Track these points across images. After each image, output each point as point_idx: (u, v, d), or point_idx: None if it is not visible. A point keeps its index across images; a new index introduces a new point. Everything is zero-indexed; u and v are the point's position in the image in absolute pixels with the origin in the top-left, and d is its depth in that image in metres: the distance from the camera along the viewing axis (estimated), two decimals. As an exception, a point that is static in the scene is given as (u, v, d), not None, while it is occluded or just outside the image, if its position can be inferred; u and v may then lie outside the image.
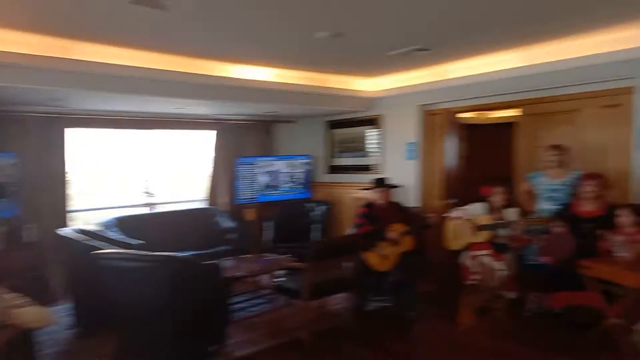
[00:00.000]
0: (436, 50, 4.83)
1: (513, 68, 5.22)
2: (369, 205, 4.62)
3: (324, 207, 6.58)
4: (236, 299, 4.88)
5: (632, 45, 4.37)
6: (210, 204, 6.92)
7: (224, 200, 7.01)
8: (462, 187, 7.14)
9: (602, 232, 3.88)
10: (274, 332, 4.18)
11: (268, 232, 6.41)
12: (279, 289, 4.28)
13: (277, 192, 7.14)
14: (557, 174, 4.44)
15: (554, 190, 4.40)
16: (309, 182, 7.39)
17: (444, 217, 4.89)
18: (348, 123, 7.29)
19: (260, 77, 5.57)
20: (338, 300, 4.86)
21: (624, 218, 3.79)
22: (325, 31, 3.99)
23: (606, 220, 3.91)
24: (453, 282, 5.43)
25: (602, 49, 4.56)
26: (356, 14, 3.59)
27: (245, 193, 6.84)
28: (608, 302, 3.57)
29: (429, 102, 6.33)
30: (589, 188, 4.05)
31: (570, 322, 3.94)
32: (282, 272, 4.99)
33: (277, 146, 7.71)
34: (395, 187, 4.65)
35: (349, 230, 5.28)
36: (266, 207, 6.92)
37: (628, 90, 4.68)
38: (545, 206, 4.46)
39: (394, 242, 4.43)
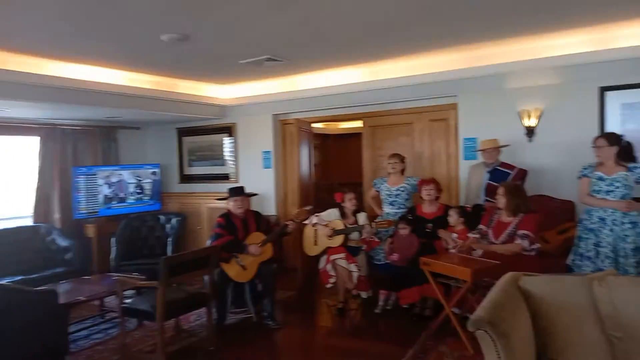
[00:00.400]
0: (288, 62, 4.94)
1: (356, 83, 5.64)
2: (227, 215, 4.47)
3: (177, 219, 6.19)
4: (78, 326, 4.37)
5: (455, 67, 5.06)
6: (40, 221, 5.96)
7: (57, 216, 6.10)
8: (317, 194, 7.42)
9: (440, 231, 4.38)
10: (123, 359, 3.76)
11: (114, 249, 5.79)
12: (128, 311, 3.87)
13: (123, 204, 6.52)
14: (396, 180, 4.86)
15: (394, 195, 4.81)
16: (160, 193, 6.91)
17: (301, 224, 4.99)
18: (201, 131, 7.03)
19: (101, 79, 5.03)
20: (196, 317, 4.62)
21: (452, 217, 4.32)
22: (171, 33, 3.78)
23: (444, 220, 4.41)
24: (312, 287, 5.59)
25: (432, 69, 5.18)
26: (202, 18, 3.46)
27: (85, 207, 6.10)
28: (447, 294, 4.01)
29: (282, 112, 6.45)
30: (427, 192, 4.52)
31: (416, 315, 4.33)
32: (131, 292, 4.55)
33: (122, 154, 7.03)
34: (252, 195, 4.59)
35: (207, 242, 5.06)
36: (110, 222, 6.27)
37: (453, 106, 5.40)
38: (389, 210, 4.86)
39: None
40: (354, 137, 8.08)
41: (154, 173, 6.85)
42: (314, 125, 6.77)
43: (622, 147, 3.65)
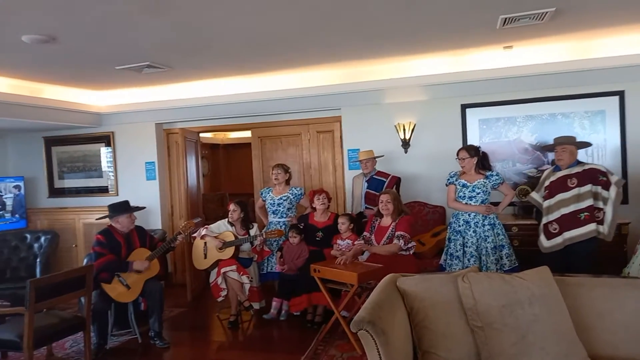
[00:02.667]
0: (171, 69, 4.80)
1: (244, 93, 5.66)
2: (107, 232, 4.17)
3: (46, 237, 5.60)
4: None
5: (339, 82, 5.34)
6: None
7: None
8: (206, 205, 7.25)
9: (331, 238, 4.56)
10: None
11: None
12: (-12, 344, 3.43)
13: (-21, 223, 5.74)
14: (280, 190, 4.97)
15: (277, 204, 4.91)
16: (24, 209, 6.20)
17: (190, 237, 4.85)
18: (73, 140, 6.47)
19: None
20: (72, 342, 4.24)
21: (343, 225, 4.54)
22: (33, 34, 3.47)
23: (334, 229, 4.60)
24: (203, 302, 5.44)
25: (317, 83, 5.41)
26: (70, 18, 3.22)
27: None
28: (336, 298, 4.19)
29: (167, 121, 6.22)
30: (321, 201, 4.68)
31: (308, 321, 4.45)
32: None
33: (-23, 166, 6.20)
34: (136, 210, 4.35)
35: (84, 260, 4.67)
36: (-38, 244, 5.47)
37: (337, 119, 5.69)
38: (272, 218, 4.94)
39: (138, 271, 4.13)
40: (244, 147, 8.07)
41: (16, 187, 6.13)
42: (202, 134, 6.62)
43: (480, 157, 4.16)
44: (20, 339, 3.21)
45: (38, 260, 5.37)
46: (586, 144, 4.11)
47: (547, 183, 3.92)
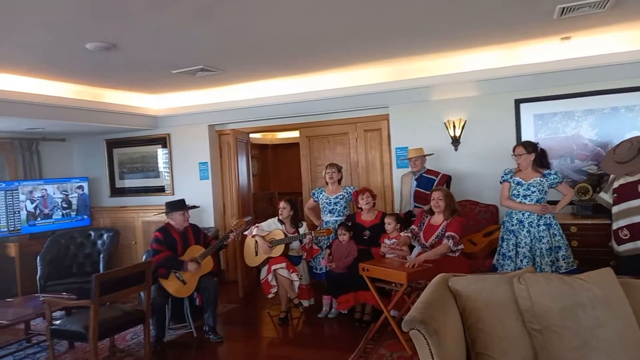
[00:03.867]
0: (222, 72, 4.94)
1: (292, 94, 5.73)
2: (165, 230, 4.36)
3: (109, 235, 5.93)
4: (2, 352, 4.11)
5: (386, 80, 5.30)
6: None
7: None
8: (256, 204, 7.41)
9: (379, 237, 4.55)
10: (53, 386, 3.56)
11: (40, 268, 5.43)
12: (58, 333, 3.67)
13: (49, 221, 6.15)
14: (334, 189, 5.00)
15: (333, 204, 4.94)
16: (89, 208, 6.59)
17: (241, 235, 4.98)
18: (132, 142, 6.80)
19: (18, 88, 4.73)
20: (132, 335, 4.46)
21: (390, 225, 4.50)
22: (97, 42, 3.67)
23: (381, 227, 4.58)
24: (254, 299, 5.57)
25: (364, 82, 5.39)
26: (129, 27, 3.38)
27: (5, 224, 5.69)
28: (386, 297, 4.17)
29: (218, 122, 6.40)
30: (365, 200, 4.68)
31: (357, 320, 4.46)
32: (60, 313, 4.32)
33: (46, 168, 6.63)
34: (191, 208, 4.52)
35: (143, 257, 4.90)
36: (35, 240, 5.89)
37: (385, 117, 5.64)
38: (329, 218, 4.98)
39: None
40: (292, 147, 8.17)
41: (81, 187, 6.52)
42: (252, 135, 6.77)
43: (538, 154, 3.99)
44: (86, 330, 3.41)
45: (101, 256, 5.70)
46: None
47: (615, 185, 3.67)
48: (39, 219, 6.05)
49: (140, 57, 4.23)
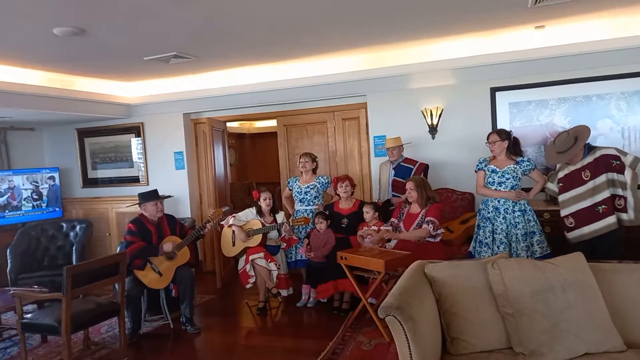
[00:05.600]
0: (197, 59, 4.84)
1: (269, 82, 5.66)
2: (138, 221, 4.28)
3: (81, 226, 5.79)
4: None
5: (364, 68, 5.27)
6: None
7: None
8: (234, 194, 7.34)
9: (357, 225, 4.55)
10: (25, 381, 3.48)
11: (10, 260, 5.27)
12: (29, 327, 3.59)
13: (18, 212, 5.97)
14: (307, 178, 4.97)
15: (304, 193, 4.92)
16: (60, 199, 6.42)
17: (218, 225, 4.92)
18: (104, 131, 6.64)
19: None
20: (107, 328, 4.39)
21: (368, 214, 4.51)
22: (64, 26, 3.54)
23: (359, 215, 4.59)
24: (232, 289, 5.54)
25: (342, 69, 5.36)
26: (99, 10, 3.27)
27: (-29, 217, 5.51)
28: (364, 285, 4.19)
29: (194, 111, 6.30)
30: (344, 188, 4.67)
31: (336, 308, 4.47)
32: (32, 307, 4.21)
33: (14, 158, 6.42)
34: (163, 198, 4.43)
35: (117, 249, 4.80)
36: (4, 232, 5.72)
37: (363, 106, 5.63)
38: (299, 207, 4.96)
39: (169, 257, 4.23)
40: (270, 136, 8.10)
41: (52, 177, 6.35)
42: (229, 124, 6.68)
43: (511, 141, 4.04)
44: (58, 323, 3.33)
45: (74, 248, 5.57)
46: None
47: (560, 175, 3.79)
48: (7, 210, 5.87)
49: (110, 43, 4.11)
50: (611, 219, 3.55)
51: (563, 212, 3.76)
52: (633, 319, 2.29)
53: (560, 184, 3.78)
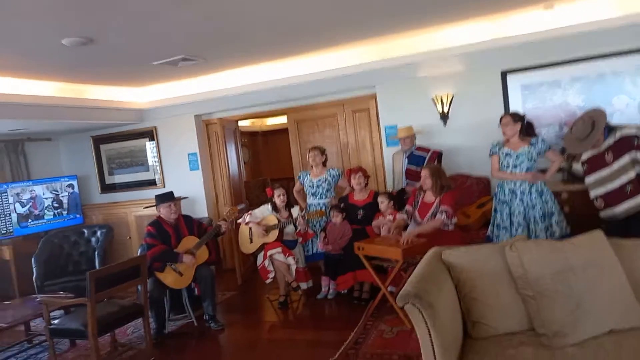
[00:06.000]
0: (204, 61, 4.86)
1: (277, 79, 5.64)
2: (157, 223, 4.34)
3: (102, 232, 5.90)
4: (3, 355, 4.10)
5: (371, 59, 5.24)
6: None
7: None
8: (249, 191, 7.39)
9: (373, 216, 4.55)
10: (57, 384, 3.58)
11: (35, 268, 5.41)
12: (57, 332, 3.68)
13: (41, 221, 6.10)
14: (318, 172, 4.97)
15: (316, 187, 4.93)
16: (80, 206, 6.54)
17: (235, 223, 4.97)
18: (119, 137, 6.73)
19: None
20: (133, 329, 4.48)
21: (383, 204, 4.51)
22: (72, 37, 3.59)
23: (374, 206, 4.59)
24: (253, 285, 5.59)
25: (349, 62, 5.32)
26: (104, 19, 3.31)
27: (-4, 228, 5.65)
28: (383, 274, 4.20)
29: (205, 112, 6.34)
30: (357, 180, 4.68)
31: (356, 299, 4.49)
32: (59, 312, 4.32)
33: (34, 168, 6.56)
34: (179, 199, 4.49)
35: (139, 252, 4.89)
36: (29, 241, 5.85)
37: (372, 97, 5.61)
38: (312, 201, 4.97)
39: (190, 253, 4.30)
40: (282, 132, 8.13)
41: (71, 185, 6.47)
42: (240, 123, 6.72)
43: (524, 124, 4.00)
44: (85, 327, 3.41)
45: (96, 253, 5.69)
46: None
47: (584, 158, 3.72)
48: (30, 220, 6.01)
49: (119, 51, 4.16)
50: (639, 199, 3.48)
51: (592, 195, 3.68)
52: (657, 295, 2.26)
53: (586, 166, 3.71)
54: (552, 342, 2.13)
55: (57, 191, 6.32)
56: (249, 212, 4.88)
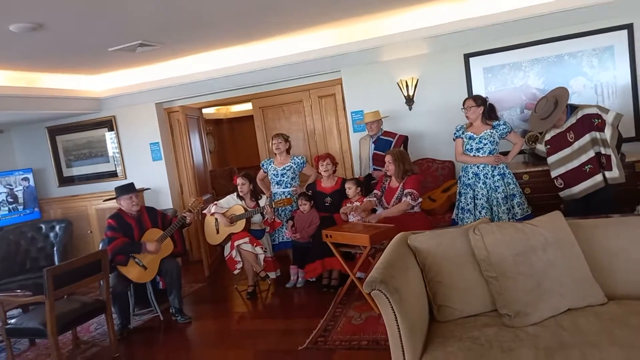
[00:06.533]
0: (164, 46, 4.69)
1: (240, 64, 5.52)
2: (118, 216, 4.20)
3: (61, 226, 5.67)
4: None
5: (336, 43, 5.18)
6: None
7: None
8: (215, 181, 7.25)
9: (340, 203, 4.54)
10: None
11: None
12: (14, 332, 3.54)
13: (-7, 218, 5.82)
14: (282, 160, 4.90)
15: (280, 175, 4.87)
16: (36, 200, 6.27)
17: (201, 214, 4.87)
18: (76, 127, 6.46)
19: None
20: (96, 325, 4.35)
21: (350, 189, 4.50)
22: (20, 22, 3.38)
23: (342, 193, 4.57)
24: (221, 276, 5.52)
25: (313, 46, 5.25)
26: (55, 3, 3.13)
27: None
28: (352, 261, 4.20)
29: (166, 99, 6.15)
30: (324, 167, 4.64)
31: (325, 286, 4.48)
32: (17, 311, 4.15)
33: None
34: (140, 191, 4.35)
35: (100, 246, 4.73)
36: (-19, 239, 5.57)
37: (338, 82, 5.56)
38: (277, 189, 4.90)
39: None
40: (248, 119, 7.98)
41: (26, 179, 6.18)
42: (205, 111, 6.55)
43: (487, 107, 4.04)
44: (43, 326, 3.28)
45: (55, 248, 5.47)
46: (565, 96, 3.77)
47: (547, 137, 3.82)
48: (-18, 216, 5.73)
49: (71, 37, 3.96)
50: (598, 177, 3.60)
51: (553, 174, 3.81)
52: (612, 271, 2.34)
53: (548, 146, 3.81)
54: (514, 322, 2.17)
55: (11, 185, 6.04)
56: (215, 202, 4.78)
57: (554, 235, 2.31)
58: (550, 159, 3.80)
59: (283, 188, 4.86)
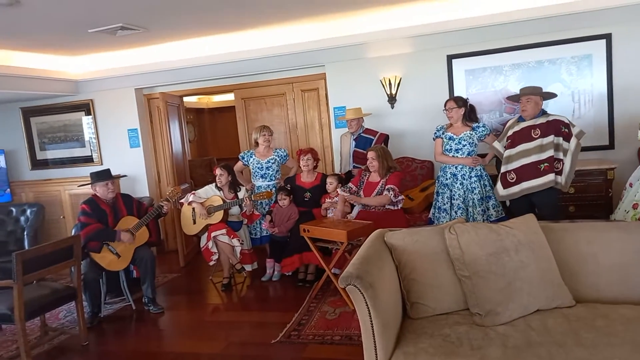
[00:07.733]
0: (146, 30, 4.60)
1: (224, 53, 5.45)
2: (92, 201, 4.11)
3: (32, 210, 5.53)
4: None
5: (321, 37, 5.16)
6: None
7: None
8: (194, 171, 7.17)
9: (320, 199, 4.54)
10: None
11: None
12: (-19, 318, 3.44)
13: (-39, 199, 5.64)
14: (265, 153, 4.88)
15: (265, 168, 4.85)
16: (8, 182, 6.09)
17: (177, 204, 4.81)
18: (51, 109, 6.29)
19: None
20: (66, 313, 4.26)
21: (332, 185, 4.51)
22: None
23: (322, 189, 4.57)
24: (196, 267, 5.47)
25: (299, 40, 5.22)
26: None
27: None
28: (329, 256, 4.21)
29: (146, 85, 6.04)
30: (305, 162, 4.63)
31: (301, 280, 4.49)
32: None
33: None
34: (116, 178, 4.26)
35: (72, 231, 4.63)
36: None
37: (322, 76, 5.55)
38: (261, 183, 4.88)
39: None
40: (229, 110, 7.91)
41: (-2, 160, 6.01)
42: (186, 99, 6.45)
43: (467, 108, 4.10)
44: (11, 311, 3.21)
45: (25, 233, 5.34)
46: (552, 95, 4.05)
47: (510, 133, 3.90)
48: (-51, 197, 5.54)
49: (49, 15, 3.84)
50: (550, 177, 3.71)
51: (506, 168, 3.87)
52: (581, 275, 2.41)
53: (509, 141, 3.89)
54: (485, 321, 2.21)
55: (-19, 167, 5.85)
56: (193, 192, 4.73)
57: (527, 237, 2.36)
58: (508, 152, 3.87)
59: (268, 181, 4.84)
